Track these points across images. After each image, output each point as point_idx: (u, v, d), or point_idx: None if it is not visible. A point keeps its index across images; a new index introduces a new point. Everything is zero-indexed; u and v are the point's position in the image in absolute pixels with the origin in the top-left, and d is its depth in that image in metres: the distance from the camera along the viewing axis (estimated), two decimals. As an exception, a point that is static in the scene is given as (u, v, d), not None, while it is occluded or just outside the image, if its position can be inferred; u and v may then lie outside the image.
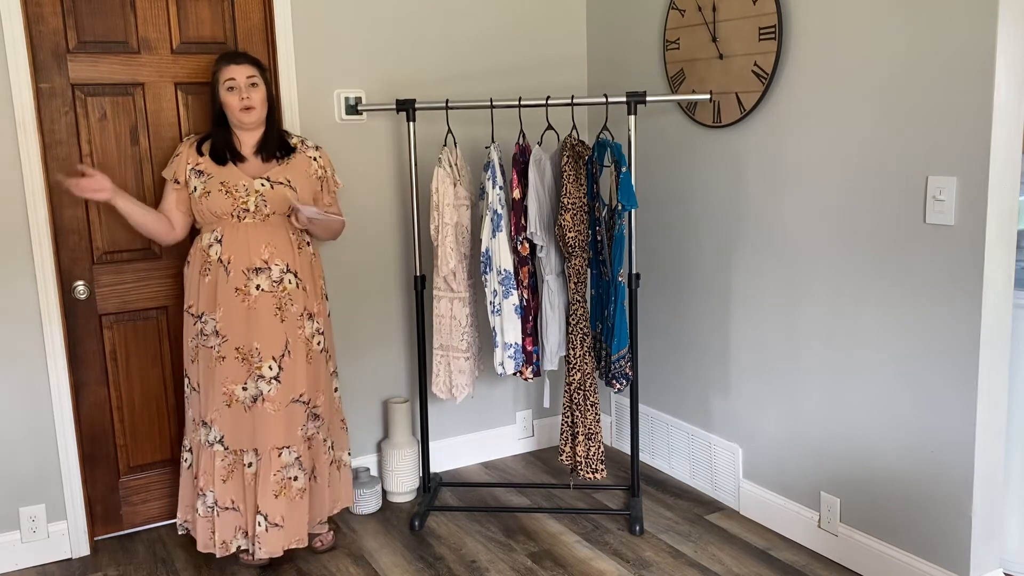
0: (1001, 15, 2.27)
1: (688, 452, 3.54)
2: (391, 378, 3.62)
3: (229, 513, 2.84)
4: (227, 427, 2.79)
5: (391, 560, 3.02)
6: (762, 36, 2.93)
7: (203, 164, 2.81)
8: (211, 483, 2.83)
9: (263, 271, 2.77)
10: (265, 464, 2.79)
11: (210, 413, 2.81)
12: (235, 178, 2.78)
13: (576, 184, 3.02)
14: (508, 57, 3.67)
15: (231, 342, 2.76)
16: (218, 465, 2.82)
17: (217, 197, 2.76)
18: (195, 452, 2.89)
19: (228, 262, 2.76)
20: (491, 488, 3.57)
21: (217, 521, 2.83)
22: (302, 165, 2.90)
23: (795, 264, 2.95)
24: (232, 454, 2.82)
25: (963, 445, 2.49)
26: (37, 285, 2.92)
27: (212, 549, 2.85)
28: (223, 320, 2.76)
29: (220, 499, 2.83)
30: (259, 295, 2.76)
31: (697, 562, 2.94)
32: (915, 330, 2.58)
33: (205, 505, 2.84)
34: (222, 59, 2.82)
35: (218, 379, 2.78)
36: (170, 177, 2.85)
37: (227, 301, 2.76)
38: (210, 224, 2.81)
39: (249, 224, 2.78)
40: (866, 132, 2.66)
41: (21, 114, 2.82)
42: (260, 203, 2.78)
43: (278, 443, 2.80)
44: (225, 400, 2.78)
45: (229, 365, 2.77)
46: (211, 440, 2.82)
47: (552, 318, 3.16)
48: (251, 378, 2.78)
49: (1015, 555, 2.74)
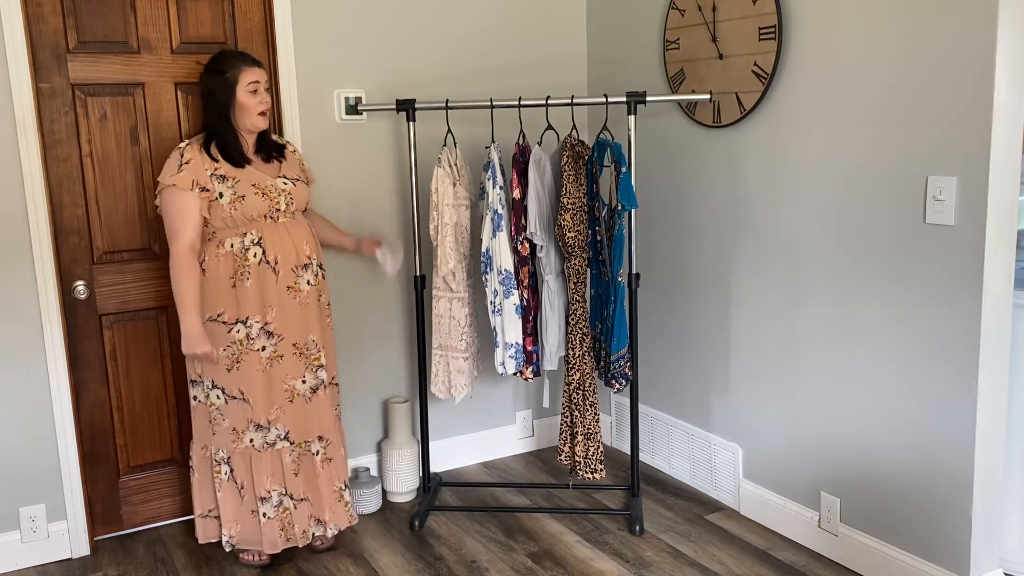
0: (1001, 15, 2.27)
1: (688, 452, 3.54)
2: (391, 378, 3.62)
3: (305, 504, 2.92)
4: (292, 422, 2.85)
5: (391, 560, 3.02)
6: (762, 36, 2.93)
7: (222, 168, 2.73)
8: (279, 481, 2.87)
9: (308, 267, 2.85)
10: (335, 444, 2.94)
11: (270, 413, 2.83)
12: (261, 179, 2.78)
13: (576, 184, 3.02)
14: (508, 57, 3.67)
15: (288, 339, 2.81)
16: (287, 461, 2.87)
17: (253, 200, 2.73)
18: (239, 461, 2.84)
19: (275, 262, 2.77)
20: (491, 488, 3.57)
21: (295, 514, 2.90)
22: (295, 162, 2.95)
23: (795, 264, 2.95)
24: (298, 447, 2.88)
25: (963, 445, 2.49)
26: (37, 285, 2.92)
27: (290, 543, 2.92)
28: (277, 320, 2.78)
29: (295, 492, 2.89)
30: (308, 290, 2.85)
31: (697, 562, 2.94)
32: (915, 330, 2.58)
33: (272, 506, 2.87)
34: (238, 60, 2.76)
35: (276, 378, 2.81)
36: (189, 186, 2.67)
37: (279, 301, 2.78)
38: (239, 228, 2.74)
39: (284, 223, 2.81)
40: (866, 132, 2.66)
41: (21, 114, 2.82)
42: (289, 201, 2.82)
43: (329, 431, 2.93)
44: (287, 397, 2.84)
45: (288, 362, 2.82)
46: (271, 440, 2.84)
47: (552, 318, 3.16)
48: (309, 370, 2.86)
49: (1015, 555, 2.74)
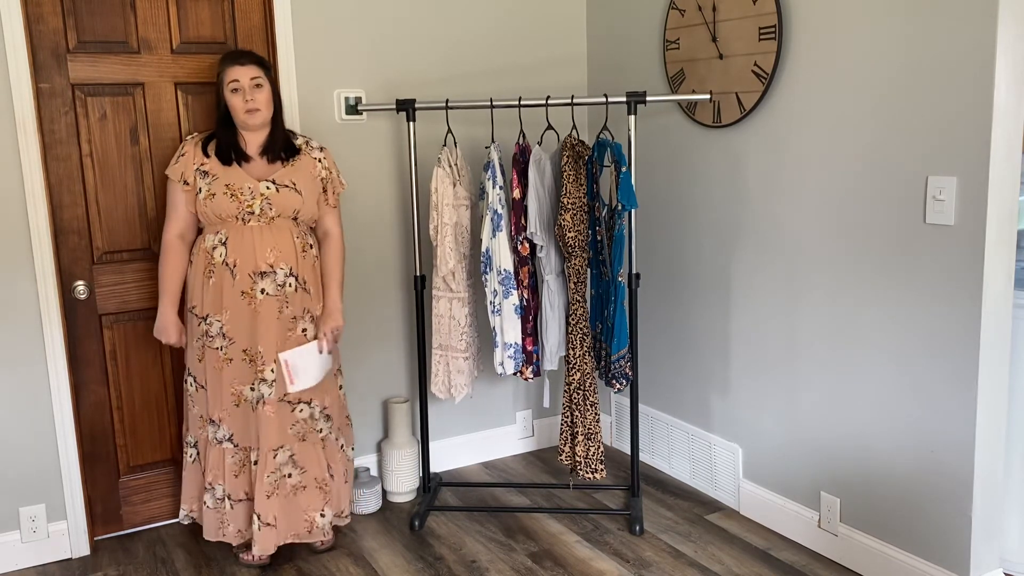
0: (1001, 15, 2.27)
1: (688, 452, 3.54)
2: (391, 378, 3.62)
3: (243, 504, 2.90)
4: (236, 426, 2.84)
5: (391, 560, 3.02)
6: (762, 36, 2.93)
7: (208, 164, 2.78)
8: (221, 478, 2.88)
9: (268, 275, 2.77)
10: (261, 466, 2.83)
11: (218, 412, 2.84)
12: (240, 180, 2.76)
13: (576, 184, 3.02)
14: (508, 57, 3.67)
15: (238, 344, 2.80)
16: (228, 462, 2.86)
17: (221, 200, 2.74)
18: (201, 447, 2.92)
19: (234, 265, 2.76)
20: (491, 488, 3.57)
21: (230, 514, 2.88)
22: (307, 166, 2.88)
23: (795, 264, 2.95)
24: (241, 451, 2.87)
25: (963, 445, 2.49)
26: (37, 285, 2.92)
27: (225, 538, 2.89)
28: (230, 323, 2.78)
29: (233, 492, 2.88)
30: (264, 299, 2.78)
31: (697, 562, 2.94)
32: (915, 330, 2.58)
33: (215, 497, 2.88)
34: (226, 59, 2.79)
35: (226, 380, 2.82)
36: (177, 178, 2.80)
37: (233, 304, 2.77)
38: (213, 226, 2.79)
39: (254, 227, 2.77)
40: (866, 132, 2.66)
41: (21, 114, 2.82)
42: (265, 206, 2.77)
43: (272, 444, 2.83)
44: (234, 400, 2.83)
45: (236, 367, 2.82)
46: (219, 438, 2.85)
47: (552, 318, 3.16)
48: (256, 380, 2.81)
49: (1015, 555, 2.74)
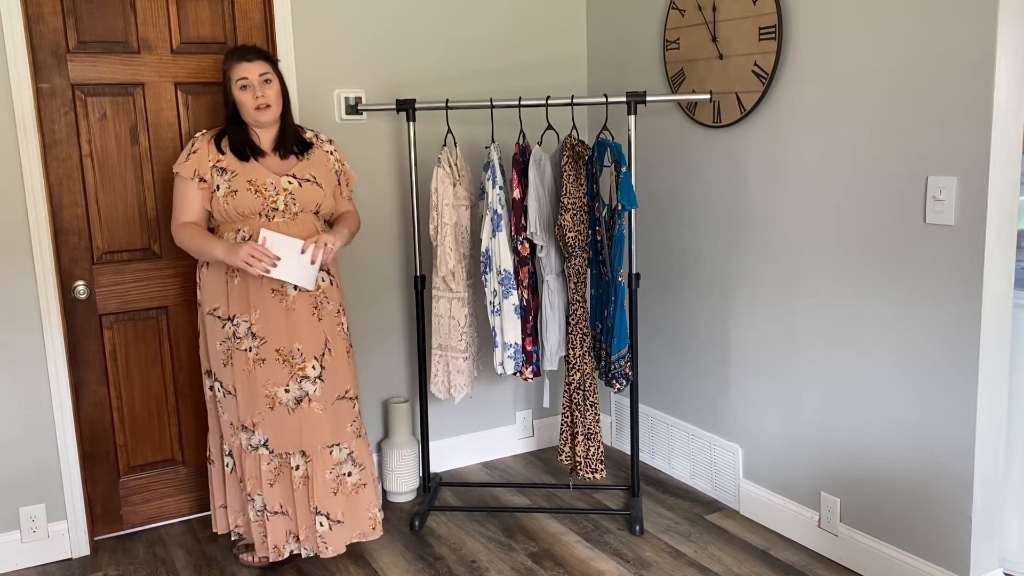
0: (1001, 15, 2.27)
1: (688, 452, 3.54)
2: (391, 378, 3.62)
3: (279, 518, 2.81)
4: (271, 430, 2.75)
5: (391, 560, 3.02)
6: (762, 36, 2.93)
7: (225, 161, 2.71)
8: (258, 487, 2.80)
9: None
10: (318, 464, 2.76)
11: (252, 417, 2.75)
12: (262, 176, 2.70)
13: (576, 184, 3.02)
14: (508, 57, 3.67)
15: (270, 344, 2.71)
16: (264, 469, 2.78)
17: (245, 196, 2.67)
18: (237, 456, 2.84)
19: None
20: (491, 488, 3.57)
21: (268, 526, 2.80)
22: (322, 160, 2.85)
23: (795, 264, 2.95)
24: (278, 457, 2.78)
25: (963, 445, 2.49)
26: (37, 285, 2.92)
27: (266, 553, 2.84)
28: (260, 322, 2.70)
29: (269, 503, 2.79)
30: (297, 295, 2.72)
31: (697, 562, 2.94)
32: (915, 330, 2.58)
33: (255, 510, 2.82)
34: (232, 56, 2.74)
35: (259, 382, 2.72)
36: (190, 175, 2.70)
37: (263, 303, 2.70)
38: (233, 223, 2.72)
39: (279, 223, 2.71)
40: (866, 132, 2.66)
41: (21, 114, 2.82)
42: (290, 201, 2.72)
43: (327, 441, 2.77)
44: (268, 403, 2.73)
45: (270, 367, 2.72)
46: (254, 444, 2.77)
47: (552, 318, 3.16)
48: (293, 379, 2.73)
49: (1015, 555, 2.74)
